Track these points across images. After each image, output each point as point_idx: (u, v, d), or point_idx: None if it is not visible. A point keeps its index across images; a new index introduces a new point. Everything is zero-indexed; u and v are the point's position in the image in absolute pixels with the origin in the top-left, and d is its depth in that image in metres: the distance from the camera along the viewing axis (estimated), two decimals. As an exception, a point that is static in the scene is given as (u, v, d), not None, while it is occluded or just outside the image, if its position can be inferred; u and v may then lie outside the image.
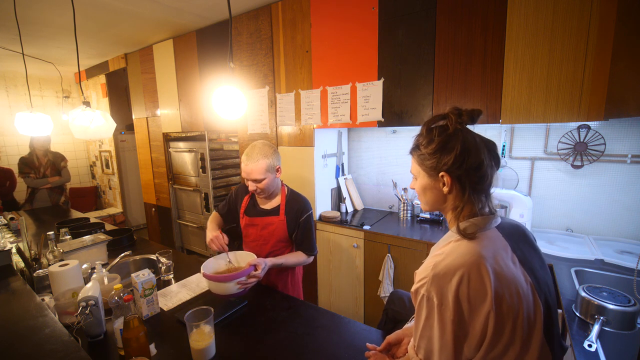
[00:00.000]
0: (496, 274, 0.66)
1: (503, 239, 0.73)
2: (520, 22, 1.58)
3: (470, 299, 0.66)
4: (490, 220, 0.75)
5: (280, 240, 1.56)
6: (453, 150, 0.73)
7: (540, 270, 0.75)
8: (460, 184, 0.75)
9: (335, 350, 1.06)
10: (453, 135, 0.74)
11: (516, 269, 0.70)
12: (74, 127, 1.73)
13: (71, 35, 3.06)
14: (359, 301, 2.29)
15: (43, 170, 3.59)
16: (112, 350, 1.06)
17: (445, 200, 0.79)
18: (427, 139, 0.78)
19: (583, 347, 0.96)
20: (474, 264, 0.67)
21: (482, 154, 0.73)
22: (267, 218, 1.55)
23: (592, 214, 1.87)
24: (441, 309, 0.68)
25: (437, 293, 0.68)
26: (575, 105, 1.51)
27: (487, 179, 0.74)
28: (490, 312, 0.64)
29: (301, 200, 1.58)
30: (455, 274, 0.67)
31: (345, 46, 2.15)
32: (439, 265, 0.70)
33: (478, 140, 0.75)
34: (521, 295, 0.67)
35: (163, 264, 1.56)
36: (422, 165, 0.80)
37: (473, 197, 0.75)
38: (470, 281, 0.66)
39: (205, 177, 3.30)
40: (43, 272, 1.43)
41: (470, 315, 0.66)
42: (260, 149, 1.45)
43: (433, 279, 0.69)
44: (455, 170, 0.73)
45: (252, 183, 1.46)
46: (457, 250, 0.71)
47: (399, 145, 2.55)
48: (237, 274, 1.21)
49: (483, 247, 0.69)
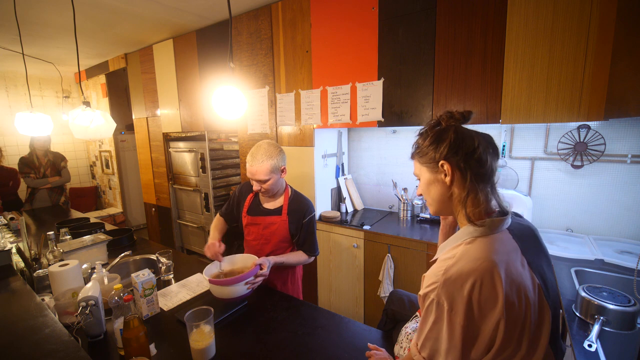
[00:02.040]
0: (507, 279, 0.66)
1: (514, 241, 0.73)
2: (520, 22, 1.58)
3: (481, 305, 0.65)
4: (504, 222, 0.74)
5: (281, 241, 1.56)
6: (447, 138, 0.76)
7: (549, 273, 0.75)
8: (461, 170, 0.75)
9: (335, 350, 1.06)
10: (446, 128, 0.78)
11: (525, 272, 0.70)
12: (74, 127, 1.73)
13: (71, 35, 3.06)
14: (359, 301, 2.29)
15: (43, 171, 3.59)
16: (112, 350, 1.06)
17: (450, 195, 0.78)
18: (422, 138, 0.82)
19: (583, 347, 0.96)
20: (486, 270, 0.66)
21: (476, 140, 0.75)
22: (269, 217, 1.55)
23: (592, 214, 1.87)
24: (451, 314, 0.67)
25: (447, 298, 0.67)
26: (575, 105, 1.51)
27: (485, 163, 0.74)
28: (500, 318, 0.64)
29: (305, 201, 1.58)
30: (468, 280, 0.66)
31: (345, 46, 2.15)
32: (450, 270, 0.68)
33: (472, 131, 0.78)
34: (529, 299, 0.67)
35: (163, 264, 1.56)
36: (421, 160, 0.82)
37: (476, 185, 0.75)
38: (483, 287, 0.65)
39: (205, 177, 3.30)
40: (43, 272, 1.43)
41: (480, 320, 0.66)
42: (265, 149, 1.44)
43: (444, 284, 0.68)
44: (453, 156, 0.75)
45: (256, 183, 1.46)
46: (468, 254, 0.70)
47: (399, 145, 2.55)
48: (244, 276, 1.22)
49: (495, 251, 0.68)
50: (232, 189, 3.54)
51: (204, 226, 3.46)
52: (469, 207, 0.75)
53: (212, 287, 1.25)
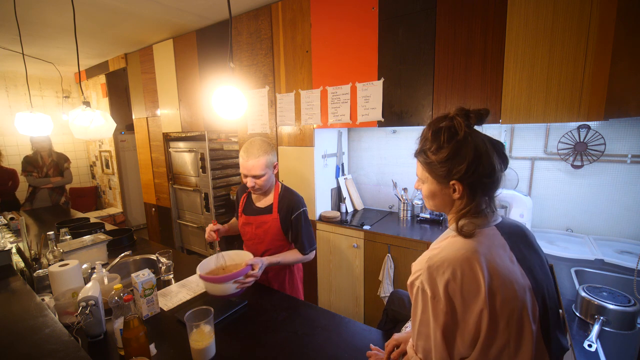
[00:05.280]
0: (491, 270, 0.67)
1: (501, 237, 0.74)
2: (520, 22, 1.58)
3: (463, 293, 0.66)
4: (490, 218, 0.75)
5: (275, 239, 1.55)
6: (465, 159, 0.71)
7: (540, 272, 0.75)
8: (472, 190, 0.74)
9: (335, 351, 1.06)
10: (463, 142, 0.71)
11: (514, 267, 0.70)
12: (74, 127, 1.73)
13: (71, 35, 3.06)
14: (359, 301, 2.29)
15: (46, 170, 3.61)
16: (112, 350, 1.06)
17: (453, 204, 0.79)
18: (435, 145, 0.75)
19: (583, 347, 0.96)
20: (467, 259, 0.67)
21: (494, 159, 0.72)
22: (261, 217, 1.55)
23: (592, 214, 1.87)
24: (434, 301, 0.69)
25: (429, 285, 0.69)
26: (575, 105, 1.51)
27: (497, 182, 0.74)
28: (483, 308, 0.65)
29: (293, 197, 1.55)
30: (449, 267, 0.68)
31: (345, 46, 2.15)
32: (434, 258, 0.70)
33: (488, 145, 0.72)
34: (517, 293, 0.67)
35: (163, 264, 1.56)
36: (431, 172, 0.78)
37: (481, 200, 0.75)
38: (463, 275, 0.66)
39: (205, 177, 3.30)
40: (43, 272, 1.43)
41: (464, 309, 0.67)
42: (260, 145, 1.45)
43: (427, 270, 0.70)
44: (468, 178, 0.72)
45: (251, 179, 1.45)
46: (452, 244, 0.72)
47: (399, 145, 2.54)
48: (233, 275, 1.21)
49: (479, 242, 0.70)
50: (232, 189, 3.54)
51: (204, 226, 3.46)
52: (464, 214, 0.76)
53: (203, 281, 1.25)
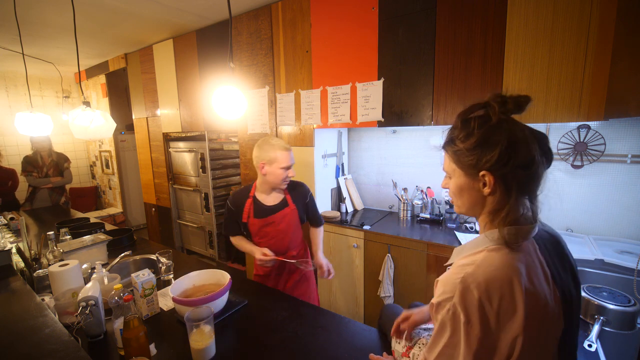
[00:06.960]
0: (528, 292, 0.60)
1: (539, 252, 0.65)
2: (520, 22, 1.58)
3: (499, 318, 0.59)
4: (533, 230, 0.66)
5: (295, 229, 1.67)
6: (497, 145, 0.62)
7: (574, 291, 0.68)
8: (506, 184, 0.64)
9: (335, 350, 1.06)
10: (497, 127, 0.63)
11: (547, 287, 0.63)
12: (74, 127, 1.73)
13: (71, 35, 3.06)
14: (359, 301, 2.29)
15: (46, 170, 3.60)
16: (112, 350, 1.06)
17: (484, 203, 0.69)
18: (464, 132, 0.67)
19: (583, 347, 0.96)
20: (509, 280, 0.59)
21: (533, 149, 0.62)
22: (280, 212, 1.61)
23: (592, 214, 1.87)
24: (467, 326, 0.60)
25: (463, 309, 0.60)
26: (575, 105, 1.51)
27: (537, 178, 0.64)
28: (519, 334, 0.58)
29: (300, 185, 1.71)
30: (487, 289, 0.59)
31: (345, 46, 2.15)
32: (469, 278, 0.61)
33: (527, 132, 0.63)
34: (549, 315, 0.62)
35: (163, 264, 1.56)
36: (458, 162, 0.69)
37: (519, 201, 0.64)
38: (502, 299, 0.59)
39: (205, 177, 3.31)
40: (43, 272, 1.43)
41: (498, 334, 0.59)
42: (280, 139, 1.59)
43: (461, 293, 0.61)
44: (500, 168, 0.63)
45: (291, 170, 1.57)
46: (489, 261, 0.62)
47: (399, 145, 2.54)
48: (211, 297, 1.14)
49: (519, 260, 0.61)
50: (232, 189, 3.53)
51: (203, 226, 3.46)
52: (502, 219, 0.65)
53: (177, 306, 1.16)
